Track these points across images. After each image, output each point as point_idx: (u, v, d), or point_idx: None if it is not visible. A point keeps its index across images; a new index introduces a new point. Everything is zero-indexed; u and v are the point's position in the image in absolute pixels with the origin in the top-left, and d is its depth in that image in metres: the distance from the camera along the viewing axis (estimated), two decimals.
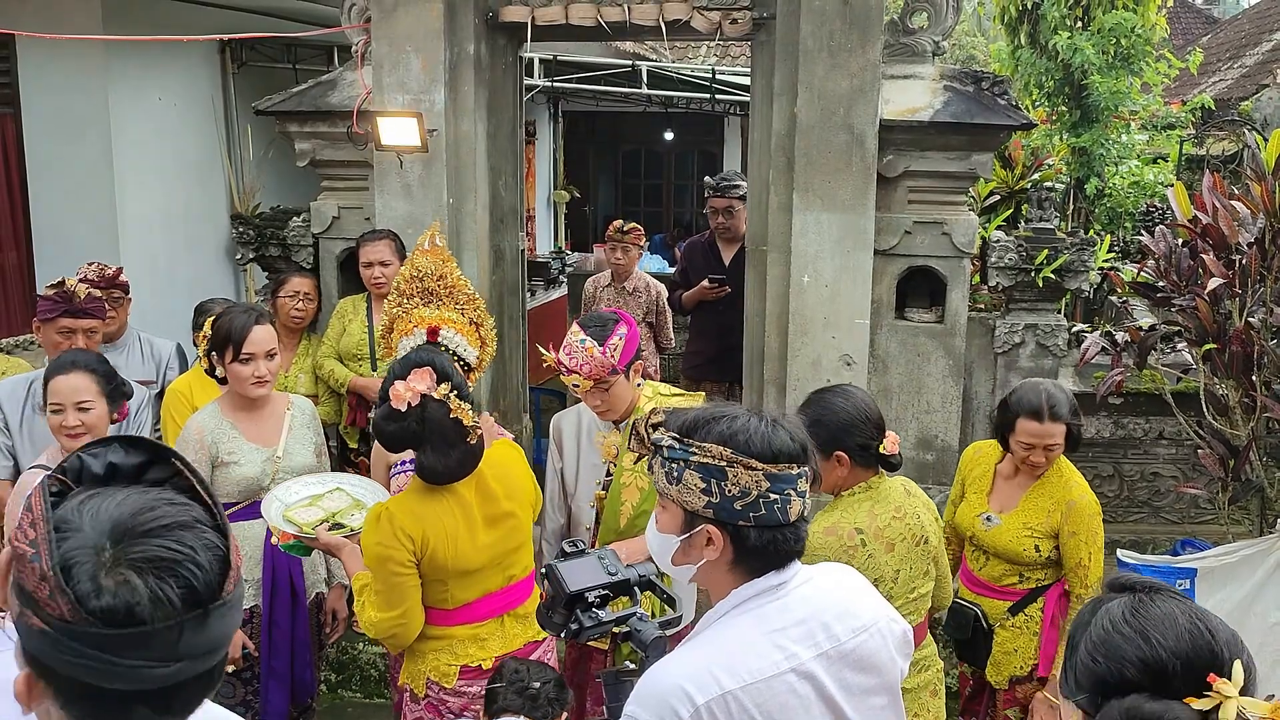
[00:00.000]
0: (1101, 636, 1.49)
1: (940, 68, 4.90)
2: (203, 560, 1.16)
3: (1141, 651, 1.45)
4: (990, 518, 3.47)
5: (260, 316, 3.59)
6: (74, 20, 5.47)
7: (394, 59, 4.84)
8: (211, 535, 1.19)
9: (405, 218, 4.92)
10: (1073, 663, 1.52)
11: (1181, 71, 9.04)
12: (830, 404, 2.82)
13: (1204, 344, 4.24)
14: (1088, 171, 8.04)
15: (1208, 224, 4.29)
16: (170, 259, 6.16)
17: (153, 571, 1.12)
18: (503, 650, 2.95)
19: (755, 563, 1.81)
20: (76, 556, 1.12)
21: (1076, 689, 1.51)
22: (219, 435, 3.57)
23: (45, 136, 5.89)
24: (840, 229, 4.66)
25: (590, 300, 6.45)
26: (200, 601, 1.14)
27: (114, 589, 1.10)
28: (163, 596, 1.12)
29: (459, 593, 2.90)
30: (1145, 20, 7.78)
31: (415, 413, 2.68)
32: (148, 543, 1.14)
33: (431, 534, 2.77)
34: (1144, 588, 1.55)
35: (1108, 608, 1.53)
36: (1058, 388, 3.44)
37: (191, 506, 1.21)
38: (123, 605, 1.10)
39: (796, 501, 1.78)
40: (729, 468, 1.75)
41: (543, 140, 12.17)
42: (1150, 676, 1.43)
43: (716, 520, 1.78)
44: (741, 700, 1.71)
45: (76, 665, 1.11)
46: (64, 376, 3.32)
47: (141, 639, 1.11)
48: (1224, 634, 1.46)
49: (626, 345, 3.20)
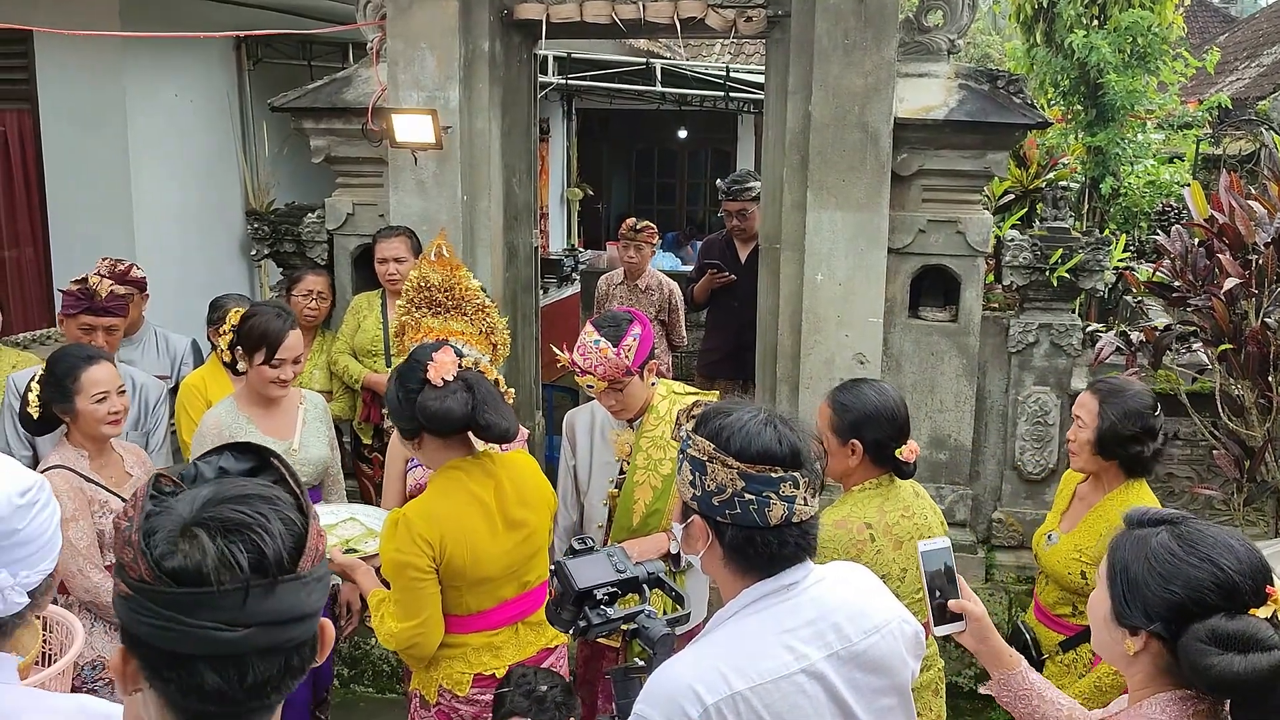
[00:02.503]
0: (1169, 568, 1.65)
1: (955, 66, 4.89)
2: (274, 529, 1.18)
3: (1216, 576, 1.62)
4: (1051, 536, 3.29)
5: (293, 321, 3.62)
6: (91, 17, 5.50)
7: (409, 56, 4.85)
8: (290, 512, 1.22)
9: (420, 214, 4.94)
10: (1139, 596, 1.67)
11: (1198, 70, 8.99)
12: (860, 393, 2.83)
13: (1220, 344, 4.22)
14: (1103, 171, 8.00)
15: (1224, 223, 4.27)
16: (185, 254, 6.19)
17: (222, 534, 1.16)
18: (516, 658, 2.93)
19: (742, 562, 1.79)
20: (160, 523, 1.18)
21: (1148, 620, 1.66)
22: (235, 429, 3.60)
23: (62, 132, 5.93)
24: (854, 227, 4.65)
25: (603, 298, 6.46)
26: (267, 569, 1.16)
27: (186, 549, 1.15)
28: (229, 558, 1.15)
29: (474, 601, 2.87)
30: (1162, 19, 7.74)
31: (459, 383, 2.73)
32: (222, 509, 1.18)
33: (449, 538, 2.74)
34: (1169, 519, 1.74)
35: (1154, 542, 1.69)
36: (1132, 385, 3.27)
37: (276, 490, 1.25)
38: (193, 565, 1.14)
39: (779, 506, 1.74)
40: (709, 462, 1.76)
41: (556, 138, 12.19)
42: (1224, 597, 1.61)
43: (701, 513, 1.80)
44: (751, 701, 1.70)
45: (154, 629, 1.16)
46: (95, 367, 3.35)
47: (208, 599, 1.14)
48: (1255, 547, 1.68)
49: (641, 345, 3.19)
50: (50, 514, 1.67)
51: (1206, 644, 1.58)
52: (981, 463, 5.16)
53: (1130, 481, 3.14)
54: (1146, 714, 1.69)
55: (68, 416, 3.36)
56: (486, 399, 2.77)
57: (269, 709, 1.24)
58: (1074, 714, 2.09)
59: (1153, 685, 1.70)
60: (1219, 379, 4.38)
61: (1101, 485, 3.19)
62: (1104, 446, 3.09)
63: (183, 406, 4.18)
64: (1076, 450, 3.16)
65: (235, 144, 6.65)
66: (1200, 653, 1.58)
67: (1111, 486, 3.16)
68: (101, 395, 3.33)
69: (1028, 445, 5.03)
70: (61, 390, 3.32)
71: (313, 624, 1.23)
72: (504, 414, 2.81)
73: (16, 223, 6.12)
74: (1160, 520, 1.73)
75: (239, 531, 1.16)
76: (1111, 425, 3.05)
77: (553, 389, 7.25)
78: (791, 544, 1.78)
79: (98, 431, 3.37)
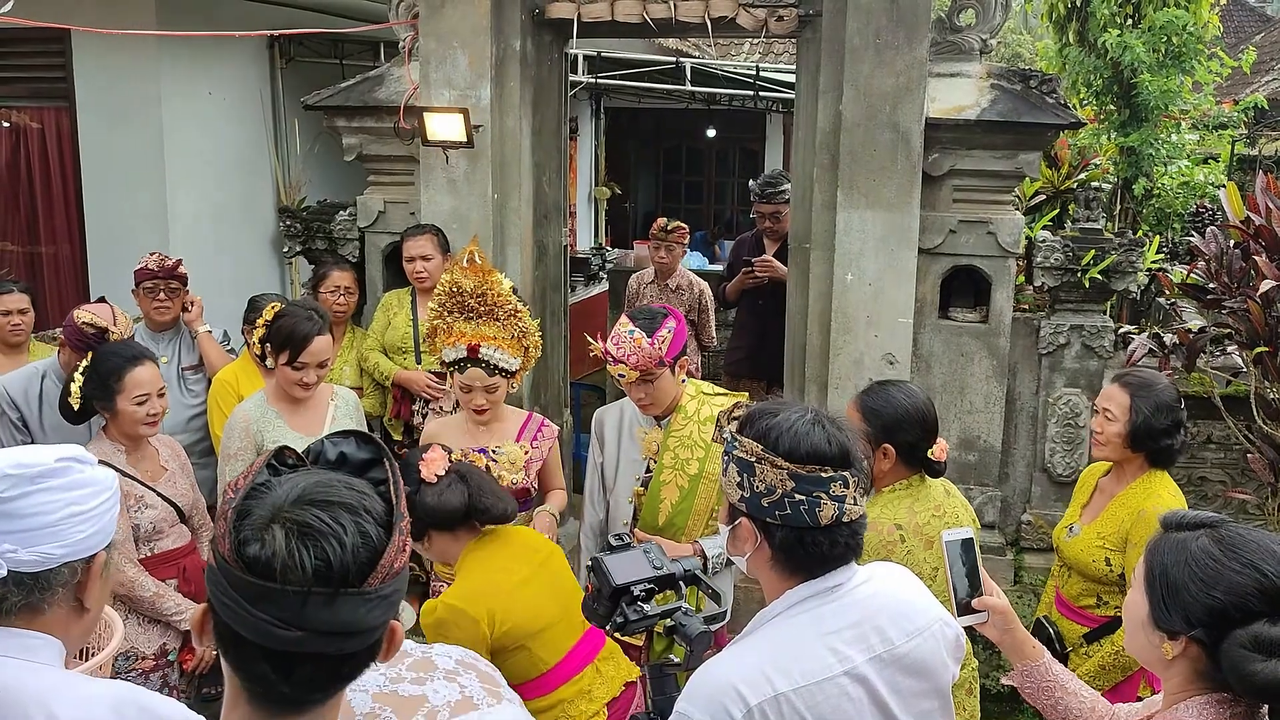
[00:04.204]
0: (1210, 573, 1.63)
1: (988, 66, 4.86)
2: (349, 542, 1.20)
3: (1260, 582, 1.60)
4: (1073, 528, 3.31)
5: (322, 326, 3.62)
6: (128, 16, 5.57)
7: (441, 55, 4.88)
8: (372, 528, 1.22)
9: (450, 213, 4.96)
10: (1180, 601, 1.65)
11: (1234, 70, 8.87)
12: (890, 397, 2.82)
13: (1255, 347, 4.18)
14: (1136, 171, 7.91)
15: (1260, 225, 4.23)
16: (218, 251, 6.25)
17: (298, 535, 1.18)
18: (608, 696, 2.90)
19: (790, 564, 1.80)
20: (253, 507, 1.22)
21: (1188, 625, 1.64)
22: (264, 424, 3.63)
23: (98, 130, 6.01)
24: (884, 227, 4.64)
25: (634, 297, 6.47)
26: (331, 579, 1.18)
27: (262, 541, 1.18)
28: (296, 561, 1.17)
29: (544, 653, 2.82)
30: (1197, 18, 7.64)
31: (453, 475, 2.82)
32: (307, 511, 1.20)
33: (497, 607, 2.72)
34: (1208, 522, 1.71)
35: (1194, 546, 1.67)
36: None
37: (371, 498, 1.26)
38: (264, 558, 1.17)
39: (829, 505, 1.74)
40: (757, 464, 1.76)
41: (585, 136, 12.20)
42: (1268, 603, 1.59)
43: (749, 515, 1.79)
44: (794, 702, 1.70)
45: (224, 604, 1.20)
46: (140, 368, 3.38)
47: (269, 594, 1.17)
48: None
49: (674, 339, 3.21)
50: (61, 501, 1.67)
51: (1250, 650, 1.57)
52: (1011, 464, 5.13)
53: (1153, 471, 3.18)
54: (1182, 717, 1.68)
55: (107, 414, 3.40)
56: (482, 485, 2.85)
57: (314, 704, 1.26)
58: (1097, 706, 2.08)
59: (1190, 689, 1.69)
60: (1254, 382, 4.33)
61: (1125, 476, 3.23)
62: (1136, 440, 3.13)
63: (214, 401, 4.23)
64: (1104, 442, 3.19)
65: (268, 142, 6.71)
66: (1244, 659, 1.57)
67: (1134, 477, 3.20)
68: (143, 397, 3.36)
69: (1058, 447, 5.00)
70: (104, 388, 3.36)
71: (370, 638, 1.24)
72: (500, 496, 2.89)
73: (54, 219, 6.21)
74: (1199, 524, 1.71)
75: (313, 537, 1.18)
76: (1145, 419, 3.09)
77: (581, 387, 7.27)
78: (841, 544, 1.78)
79: (136, 431, 3.41)
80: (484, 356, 3.46)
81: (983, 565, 2.25)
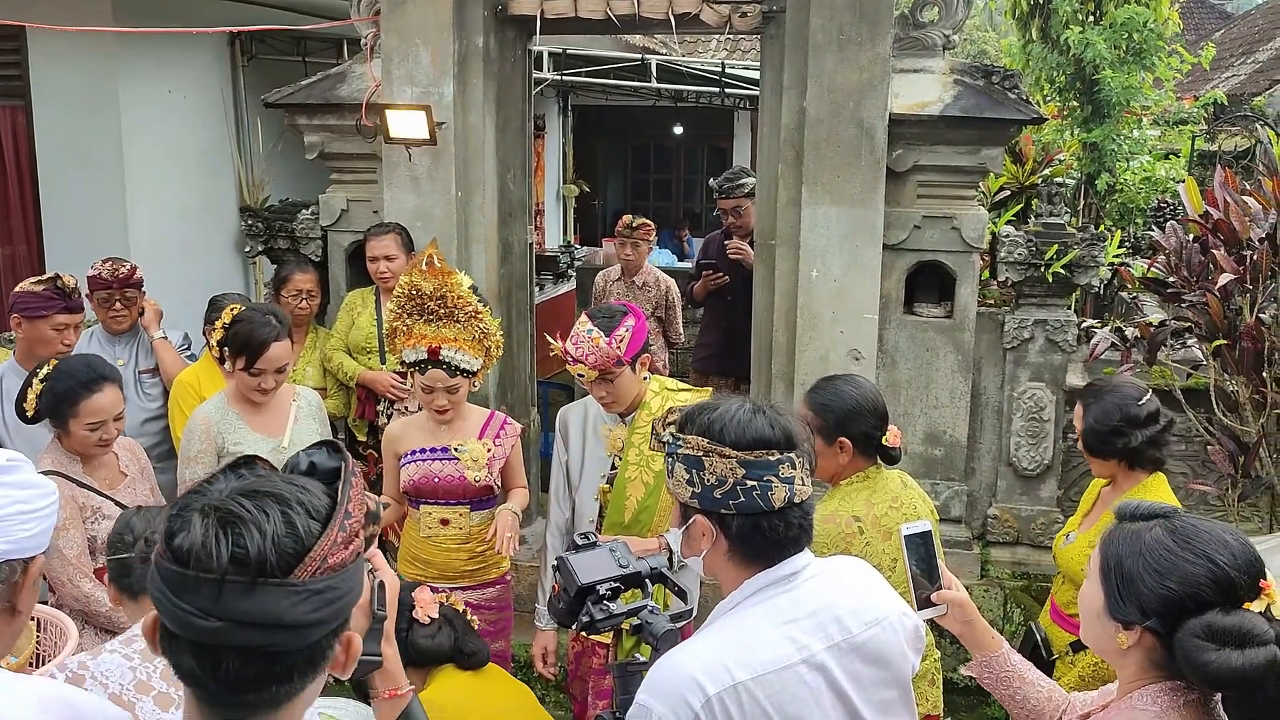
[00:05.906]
0: (1165, 564, 1.65)
1: (951, 62, 4.88)
2: (270, 530, 1.16)
3: (1212, 572, 1.62)
4: (1070, 535, 3.32)
5: (280, 331, 3.56)
6: (85, 13, 5.48)
7: (403, 52, 4.84)
8: (301, 519, 1.19)
9: (414, 211, 4.93)
10: (1134, 592, 1.67)
11: (1194, 67, 8.98)
12: (839, 390, 2.84)
13: (1214, 340, 4.22)
14: (1099, 167, 8.00)
15: (1219, 219, 4.27)
16: (179, 251, 6.18)
17: (217, 523, 1.16)
18: None
19: (748, 552, 1.81)
20: (194, 501, 1.21)
21: (1143, 615, 1.66)
22: (224, 426, 3.59)
23: (56, 128, 5.91)
24: (849, 223, 4.65)
25: (600, 294, 6.45)
26: (248, 567, 1.15)
27: (185, 529, 1.17)
28: (211, 548, 1.15)
29: None
30: (1158, 15, 7.73)
31: (442, 619, 2.89)
32: (233, 500, 1.19)
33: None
34: (1162, 513, 1.74)
35: (1148, 537, 1.70)
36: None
37: (311, 494, 1.23)
38: (185, 545, 1.16)
39: (780, 488, 1.77)
40: (705, 457, 1.78)
41: (552, 134, 12.16)
42: (1221, 593, 1.62)
43: (702, 510, 1.81)
44: (753, 691, 1.71)
45: (156, 599, 1.19)
46: (98, 395, 3.28)
47: (187, 583, 1.15)
48: (1248, 541, 1.69)
49: (633, 337, 3.20)
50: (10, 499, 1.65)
51: (1203, 640, 1.59)
52: (977, 459, 5.16)
53: (1145, 480, 3.16)
54: (1137, 705, 1.69)
55: (60, 431, 3.33)
56: (466, 630, 2.95)
57: (250, 707, 1.21)
58: (1054, 695, 2.10)
59: (1144, 678, 1.71)
60: (1214, 375, 4.37)
61: (1120, 485, 3.22)
62: (1090, 448, 3.17)
63: (176, 403, 4.17)
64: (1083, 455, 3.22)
65: (230, 140, 6.64)
66: (1197, 649, 1.59)
67: (1127, 484, 3.19)
68: (96, 424, 3.28)
69: (1023, 441, 5.03)
70: (58, 411, 3.29)
71: (304, 636, 1.19)
72: (480, 642, 2.99)
73: (10, 219, 6.11)
74: (1153, 514, 1.74)
75: (233, 525, 1.16)
76: (1089, 426, 3.14)
77: (548, 385, 7.25)
78: (795, 525, 1.81)
79: (87, 452, 3.35)
80: (445, 358, 3.45)
81: (943, 558, 2.25)
